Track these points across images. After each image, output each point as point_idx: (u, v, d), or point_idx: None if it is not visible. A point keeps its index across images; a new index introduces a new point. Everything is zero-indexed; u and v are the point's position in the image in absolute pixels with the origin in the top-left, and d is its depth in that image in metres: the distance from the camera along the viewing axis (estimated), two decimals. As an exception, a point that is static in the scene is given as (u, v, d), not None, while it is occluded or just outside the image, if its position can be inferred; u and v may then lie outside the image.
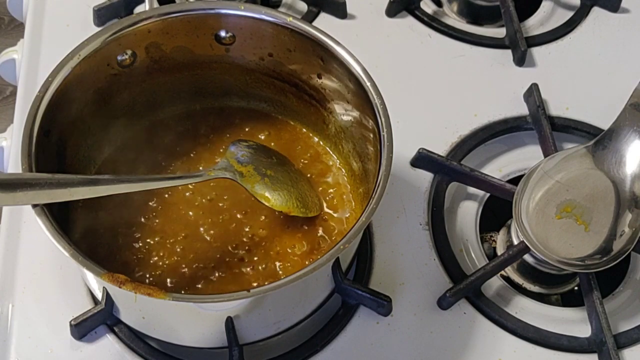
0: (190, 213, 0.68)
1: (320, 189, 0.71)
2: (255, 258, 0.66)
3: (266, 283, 0.55)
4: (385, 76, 0.69)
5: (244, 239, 0.67)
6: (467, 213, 0.78)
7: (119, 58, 0.67)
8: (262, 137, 0.74)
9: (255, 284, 0.65)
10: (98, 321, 0.66)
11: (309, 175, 0.72)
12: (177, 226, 0.68)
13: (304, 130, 0.75)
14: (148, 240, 0.67)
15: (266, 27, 0.68)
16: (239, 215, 0.69)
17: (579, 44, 0.90)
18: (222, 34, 0.69)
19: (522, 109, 0.83)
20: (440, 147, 0.79)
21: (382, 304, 0.68)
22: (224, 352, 0.63)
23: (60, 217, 0.60)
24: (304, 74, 0.70)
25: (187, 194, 0.69)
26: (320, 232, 0.68)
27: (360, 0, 0.91)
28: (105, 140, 0.71)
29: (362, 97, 0.65)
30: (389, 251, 0.73)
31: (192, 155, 0.73)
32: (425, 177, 0.77)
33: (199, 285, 0.65)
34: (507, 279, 0.76)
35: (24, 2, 0.94)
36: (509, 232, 0.76)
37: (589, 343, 0.69)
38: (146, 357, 0.66)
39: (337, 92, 0.68)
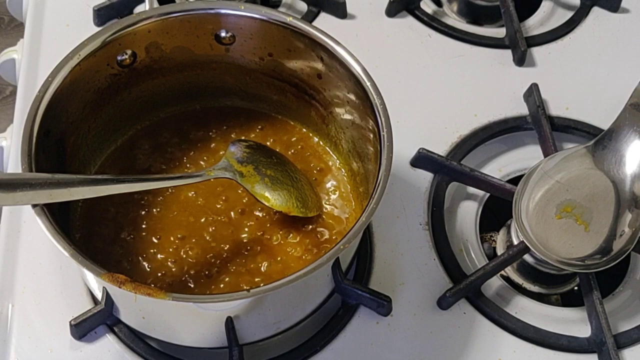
0: (190, 213, 0.68)
1: (320, 188, 0.71)
2: (255, 258, 0.66)
3: (266, 283, 0.55)
4: (385, 76, 0.69)
5: (244, 239, 0.67)
6: (467, 213, 0.78)
7: (119, 58, 0.67)
8: (262, 137, 0.74)
9: (255, 284, 0.65)
10: (98, 321, 0.66)
11: (308, 175, 0.72)
12: (177, 226, 0.68)
13: (304, 130, 0.75)
14: (147, 240, 0.67)
15: (266, 27, 0.68)
16: (238, 216, 0.69)
17: (579, 44, 0.90)
18: (222, 34, 0.69)
19: (522, 109, 0.83)
20: (440, 147, 0.79)
21: (382, 304, 0.68)
22: (224, 352, 0.63)
23: (60, 217, 0.60)
24: (304, 74, 0.70)
25: (187, 194, 0.69)
26: (320, 232, 0.68)
27: (360, 0, 0.91)
28: (105, 140, 0.71)
29: (362, 97, 0.65)
30: (389, 251, 0.73)
31: (191, 155, 0.73)
32: (425, 177, 0.77)
33: (199, 285, 0.65)
34: (507, 279, 0.76)
35: (23, 2, 0.94)
36: (509, 232, 0.76)
37: (588, 343, 0.69)
38: (146, 357, 0.66)
39: (337, 92, 0.68)
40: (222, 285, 0.65)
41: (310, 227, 0.69)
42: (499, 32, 0.90)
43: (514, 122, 0.82)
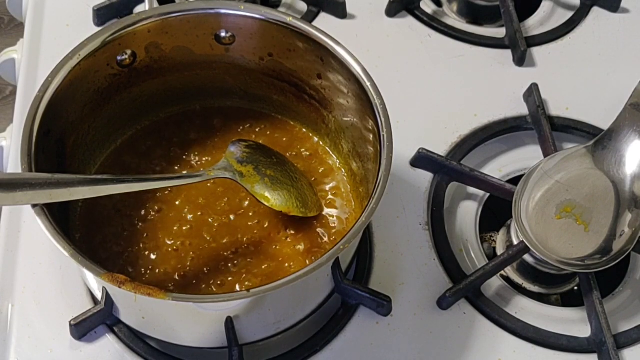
0: (190, 213, 0.68)
1: (320, 188, 0.71)
2: (255, 258, 0.66)
3: (266, 283, 0.55)
4: (385, 76, 0.69)
5: (244, 239, 0.67)
6: (467, 213, 0.78)
7: (119, 58, 0.67)
8: (262, 137, 0.74)
9: (255, 284, 0.65)
10: (98, 321, 0.66)
11: (309, 175, 0.72)
12: (177, 226, 0.68)
13: (304, 130, 0.75)
14: (147, 240, 0.67)
15: (266, 27, 0.68)
16: (238, 216, 0.69)
17: (579, 44, 0.90)
18: (222, 34, 0.69)
19: (522, 109, 0.83)
20: (440, 147, 0.79)
21: (382, 304, 0.68)
22: (223, 352, 0.63)
23: (60, 217, 0.60)
24: (304, 74, 0.70)
25: (187, 194, 0.69)
26: (320, 232, 0.68)
27: (360, 0, 0.91)
28: (105, 140, 0.71)
29: (362, 97, 0.65)
30: (389, 251, 0.73)
31: (192, 155, 0.73)
32: (425, 177, 0.77)
33: (199, 285, 0.65)
34: (507, 279, 0.76)
35: (23, 2, 0.94)
36: (508, 232, 0.76)
37: (588, 343, 0.69)
38: (146, 357, 0.66)
39: (337, 92, 0.68)
40: (222, 285, 0.65)
41: (310, 227, 0.69)
42: (499, 32, 0.90)
43: (514, 122, 0.82)
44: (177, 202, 0.69)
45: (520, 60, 0.87)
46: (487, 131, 0.81)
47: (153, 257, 0.66)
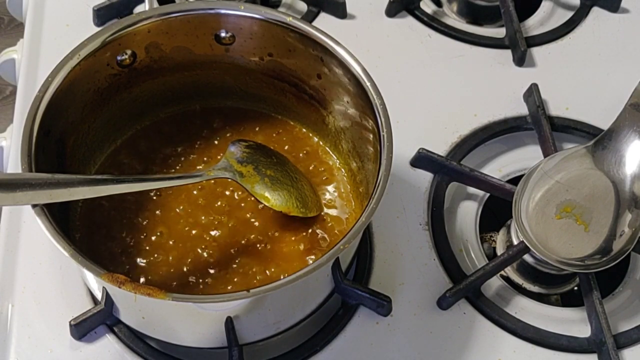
0: (190, 214, 0.68)
1: (320, 188, 0.71)
2: (255, 258, 0.66)
3: (266, 283, 0.55)
4: (385, 76, 0.69)
5: (244, 240, 0.67)
6: (467, 213, 0.78)
7: (119, 58, 0.67)
8: (262, 137, 0.74)
9: (254, 284, 0.65)
10: (98, 321, 0.66)
11: (308, 175, 0.72)
12: (177, 227, 0.68)
13: (304, 130, 0.75)
14: (147, 240, 0.67)
15: (266, 27, 0.68)
16: (238, 216, 0.69)
17: (579, 44, 0.90)
18: (222, 34, 0.69)
19: (522, 109, 0.83)
20: (440, 147, 0.79)
21: (382, 304, 0.68)
22: (223, 352, 0.63)
23: (60, 217, 0.60)
24: (304, 74, 0.70)
25: (187, 194, 0.69)
26: (320, 232, 0.68)
27: (360, 0, 0.91)
28: (105, 140, 0.71)
29: (362, 97, 0.65)
30: (389, 251, 0.73)
31: (191, 155, 0.73)
32: (425, 177, 0.77)
33: (199, 286, 0.65)
34: (506, 279, 0.76)
35: (23, 2, 0.94)
36: (508, 232, 0.76)
37: (588, 343, 0.69)
38: (146, 357, 0.66)
39: (337, 92, 0.68)
40: (222, 286, 0.65)
41: (310, 227, 0.69)
42: (499, 32, 0.90)
43: (514, 122, 0.82)
44: (176, 203, 0.69)
45: (520, 60, 0.87)
46: (487, 131, 0.81)
47: (153, 257, 0.66)
